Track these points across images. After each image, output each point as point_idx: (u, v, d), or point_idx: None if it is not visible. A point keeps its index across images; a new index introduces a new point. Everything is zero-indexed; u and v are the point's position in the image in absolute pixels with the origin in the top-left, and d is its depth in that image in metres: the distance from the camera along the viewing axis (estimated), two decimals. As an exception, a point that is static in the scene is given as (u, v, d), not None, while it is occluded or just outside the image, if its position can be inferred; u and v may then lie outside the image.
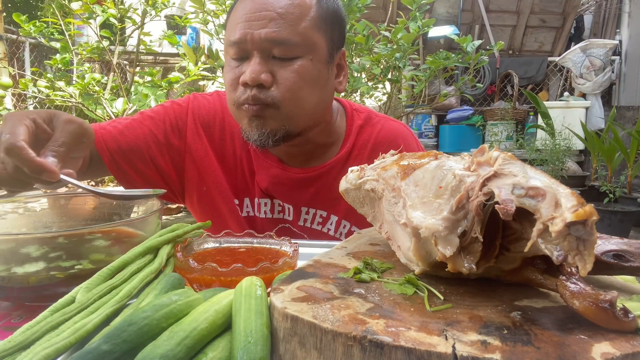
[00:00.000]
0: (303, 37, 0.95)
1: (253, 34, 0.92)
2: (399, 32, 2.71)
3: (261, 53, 0.94)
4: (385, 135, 1.12)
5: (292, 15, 0.94)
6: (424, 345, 0.37)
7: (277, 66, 0.95)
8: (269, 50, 0.94)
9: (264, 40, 0.92)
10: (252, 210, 1.13)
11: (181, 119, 1.12)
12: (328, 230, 1.11)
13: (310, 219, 1.11)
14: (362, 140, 1.12)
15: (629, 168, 4.36)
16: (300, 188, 1.09)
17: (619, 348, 0.38)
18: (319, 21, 0.97)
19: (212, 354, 0.43)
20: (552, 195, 0.43)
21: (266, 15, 0.92)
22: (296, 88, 0.95)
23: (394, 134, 1.13)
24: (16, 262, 0.64)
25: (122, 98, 3.26)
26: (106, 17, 3.07)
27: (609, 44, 5.80)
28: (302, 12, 0.95)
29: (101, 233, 0.70)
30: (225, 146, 1.13)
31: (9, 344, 0.45)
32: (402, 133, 1.16)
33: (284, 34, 0.93)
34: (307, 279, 0.52)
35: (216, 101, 1.16)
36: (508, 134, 5.60)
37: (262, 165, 1.10)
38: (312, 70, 0.97)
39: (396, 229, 0.58)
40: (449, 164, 0.54)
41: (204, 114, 1.13)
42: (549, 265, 0.49)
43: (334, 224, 1.10)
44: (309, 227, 1.11)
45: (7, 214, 0.84)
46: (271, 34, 0.92)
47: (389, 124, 1.16)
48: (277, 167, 1.09)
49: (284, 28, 0.93)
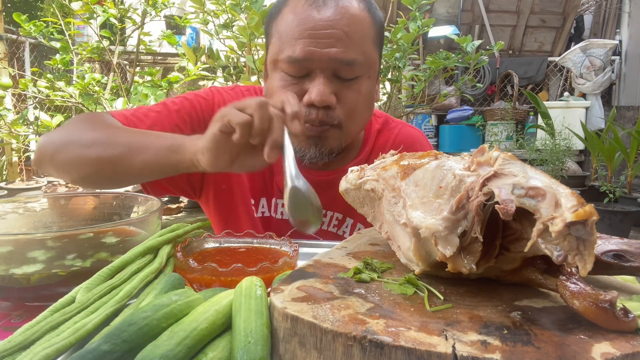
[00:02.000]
0: (366, 56, 0.94)
1: (320, 52, 0.89)
2: (399, 32, 2.71)
3: (326, 72, 0.91)
4: (402, 140, 1.14)
5: (357, 35, 0.91)
6: (424, 345, 0.37)
7: (340, 86, 0.93)
8: (334, 70, 0.91)
9: (332, 60, 0.89)
10: (267, 211, 1.11)
11: (207, 112, 1.09)
12: (343, 233, 1.11)
13: (327, 222, 1.10)
14: (380, 143, 1.13)
15: (629, 168, 4.35)
16: (319, 190, 1.08)
17: (619, 348, 0.38)
18: (376, 37, 0.97)
19: (212, 354, 0.43)
20: (552, 195, 0.43)
21: (333, 34, 0.89)
22: (358, 108, 0.95)
23: (412, 139, 1.16)
24: (16, 262, 0.64)
25: (122, 98, 3.26)
26: (106, 17, 3.07)
27: (609, 44, 5.80)
28: (364, 30, 0.93)
29: (101, 233, 0.70)
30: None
31: (9, 344, 0.45)
32: (419, 138, 1.18)
33: (352, 55, 0.90)
34: (307, 279, 0.52)
35: (239, 97, 1.13)
36: (508, 134, 5.60)
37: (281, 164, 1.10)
38: (370, 88, 0.98)
39: (396, 229, 0.58)
40: (449, 164, 0.54)
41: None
42: (549, 265, 0.49)
43: (349, 227, 1.10)
44: (325, 229, 1.11)
45: (7, 214, 0.84)
46: (340, 54, 0.89)
47: (405, 129, 1.18)
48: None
49: (351, 48, 0.90)
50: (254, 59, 2.67)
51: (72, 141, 0.91)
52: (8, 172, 4.26)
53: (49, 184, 3.88)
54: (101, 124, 0.94)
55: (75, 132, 0.93)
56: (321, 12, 0.89)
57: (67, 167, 0.91)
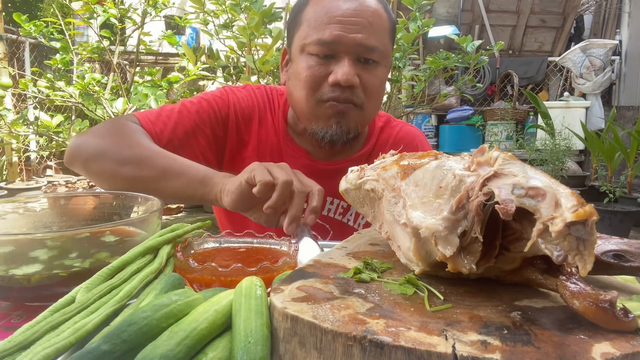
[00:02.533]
0: (384, 47, 1.04)
1: (348, 37, 0.98)
2: (399, 32, 2.71)
3: (351, 56, 1.00)
4: (403, 136, 1.24)
5: (379, 26, 1.02)
6: (424, 345, 0.37)
7: (362, 70, 1.02)
8: (358, 54, 1.01)
9: (357, 45, 0.99)
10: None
11: (224, 111, 1.16)
12: (348, 220, 1.18)
13: (334, 209, 1.18)
14: (382, 139, 1.23)
15: (629, 168, 4.35)
16: (327, 179, 1.15)
17: (619, 348, 0.38)
18: (391, 33, 1.09)
19: (212, 354, 0.43)
20: (552, 195, 0.43)
21: (360, 22, 0.99)
22: (377, 92, 1.06)
23: (412, 136, 1.26)
24: (16, 263, 0.64)
25: (122, 98, 3.26)
26: (106, 17, 3.07)
27: (609, 44, 5.80)
28: (384, 24, 1.04)
29: (101, 233, 0.70)
30: (260, 138, 1.18)
31: (9, 344, 0.45)
32: (419, 136, 1.28)
33: (374, 41, 1.01)
34: (307, 279, 0.52)
35: (251, 95, 1.21)
36: (508, 134, 5.60)
37: (291, 155, 1.17)
38: (385, 77, 1.08)
39: (396, 229, 0.58)
40: (449, 164, 0.54)
41: (244, 106, 1.18)
42: (549, 265, 0.49)
43: (354, 215, 1.19)
44: (332, 217, 1.18)
45: (7, 214, 0.84)
46: (365, 40, 0.99)
47: (406, 128, 1.28)
48: (305, 158, 1.16)
49: (374, 35, 1.01)
50: (254, 59, 2.67)
51: (107, 154, 0.98)
52: (8, 172, 4.26)
53: (49, 184, 3.88)
54: (136, 140, 1.01)
55: (111, 144, 1.00)
56: (347, 2, 1.00)
57: (100, 178, 1.00)
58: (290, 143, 1.16)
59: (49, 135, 3.30)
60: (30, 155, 4.39)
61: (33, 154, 4.35)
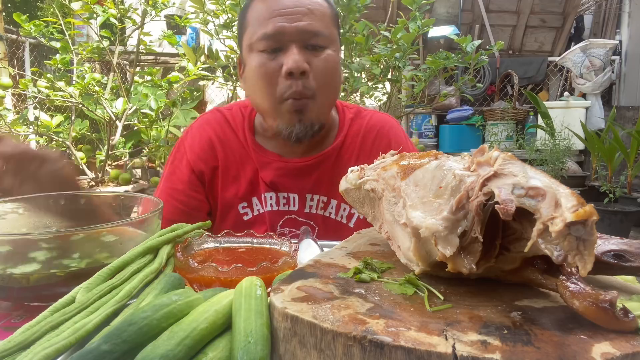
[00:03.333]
0: (329, 31, 1.07)
1: (291, 26, 1.02)
2: (398, 32, 2.71)
3: (297, 44, 1.03)
4: (373, 124, 1.24)
5: (319, 12, 1.06)
6: (424, 345, 0.37)
7: (310, 56, 1.04)
8: (305, 42, 1.03)
9: (301, 32, 1.02)
10: (262, 208, 1.19)
11: (191, 162, 1.20)
12: (330, 214, 1.19)
13: (314, 205, 1.19)
14: (353, 130, 1.23)
15: (629, 168, 4.35)
16: (303, 176, 1.18)
17: (619, 348, 0.38)
18: (334, 18, 1.11)
19: (212, 354, 0.43)
20: (552, 195, 0.43)
21: (300, 11, 1.03)
22: (328, 76, 1.07)
23: (382, 123, 1.25)
24: (16, 262, 0.64)
25: (122, 98, 3.26)
26: (106, 17, 3.07)
27: (609, 44, 5.79)
28: (324, 10, 1.08)
29: (101, 233, 0.70)
30: (227, 159, 1.20)
31: (9, 344, 0.45)
32: (389, 122, 1.27)
33: (317, 26, 1.04)
34: (307, 279, 0.52)
35: (204, 134, 1.22)
36: (508, 134, 5.59)
37: (264, 162, 1.17)
38: (336, 61, 1.09)
39: (396, 229, 0.58)
40: (449, 164, 0.54)
41: (198, 150, 1.20)
42: (549, 265, 0.49)
43: (334, 208, 1.19)
44: (314, 213, 1.19)
45: (7, 214, 0.83)
46: (307, 26, 1.03)
47: (377, 116, 1.27)
48: (277, 162, 1.17)
49: (316, 21, 1.04)
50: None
51: None
52: (8, 172, 4.25)
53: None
54: None
55: None
56: None
57: None
58: (260, 151, 1.17)
59: (49, 135, 3.30)
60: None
61: (33, 154, 4.34)
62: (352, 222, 1.18)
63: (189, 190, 1.18)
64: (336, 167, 1.18)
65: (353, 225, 1.17)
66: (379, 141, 1.21)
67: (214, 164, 1.19)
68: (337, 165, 1.18)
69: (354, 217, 1.18)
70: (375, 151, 1.19)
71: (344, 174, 1.20)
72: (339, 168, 1.18)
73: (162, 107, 3.24)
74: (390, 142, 1.22)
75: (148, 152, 3.48)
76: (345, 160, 1.19)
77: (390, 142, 1.21)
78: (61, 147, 3.59)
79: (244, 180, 1.18)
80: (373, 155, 1.19)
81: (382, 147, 1.21)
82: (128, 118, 3.28)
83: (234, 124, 1.21)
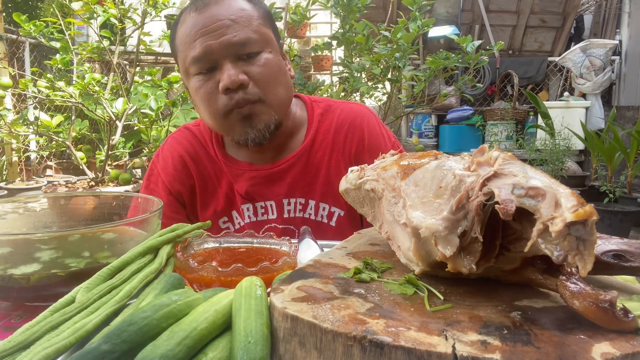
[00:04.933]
0: (258, 34, 1.03)
1: (216, 43, 0.99)
2: (398, 32, 2.71)
3: (229, 58, 1.00)
4: (345, 117, 1.20)
5: (243, 19, 1.02)
6: (424, 345, 0.37)
7: (246, 66, 1.02)
8: (235, 54, 1.00)
9: (228, 46, 0.99)
10: (242, 221, 1.17)
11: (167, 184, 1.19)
12: (309, 215, 1.16)
13: (292, 209, 1.16)
14: (324, 126, 1.19)
15: (629, 168, 4.35)
16: (276, 181, 1.16)
17: (619, 348, 0.38)
18: (263, 18, 1.07)
19: (212, 354, 0.43)
20: (552, 195, 0.43)
21: (222, 24, 0.99)
22: (269, 78, 1.03)
23: (353, 114, 1.21)
24: (16, 263, 0.64)
25: (122, 98, 3.25)
26: (106, 17, 3.07)
27: (609, 44, 5.79)
28: (249, 14, 1.03)
29: (101, 233, 0.70)
30: (202, 176, 1.19)
31: (9, 344, 0.45)
32: (361, 112, 1.23)
33: (243, 35, 1.00)
34: (307, 279, 0.52)
35: (174, 152, 1.21)
36: (508, 134, 5.59)
37: (236, 174, 1.16)
38: (274, 61, 1.05)
39: (396, 229, 0.58)
40: (449, 164, 0.54)
41: (172, 171, 1.19)
42: (549, 265, 0.49)
43: (313, 208, 1.16)
44: (293, 217, 1.16)
45: (7, 214, 0.84)
46: (233, 39, 0.99)
47: (347, 107, 1.23)
48: (249, 171, 1.16)
49: (241, 30, 1.01)
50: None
51: None
52: (8, 172, 4.26)
53: (49, 184, 3.88)
54: None
55: None
56: (204, 12, 1.01)
57: None
58: (230, 163, 1.16)
59: (49, 135, 3.30)
60: (30, 155, 4.39)
61: (33, 154, 4.34)
62: (334, 220, 1.15)
63: (170, 213, 1.16)
64: (309, 167, 1.15)
65: (334, 223, 1.15)
66: (351, 134, 1.17)
67: (190, 182, 1.18)
68: (310, 165, 1.15)
69: (335, 215, 1.15)
70: (349, 145, 1.17)
71: (318, 173, 1.19)
72: (313, 167, 1.15)
73: (162, 107, 3.23)
74: (364, 133, 1.18)
75: (148, 152, 3.48)
76: (318, 158, 1.16)
77: (363, 133, 1.18)
78: (61, 147, 3.59)
79: (221, 194, 1.17)
80: (347, 150, 1.17)
81: (355, 140, 1.17)
82: (128, 118, 3.28)
83: (203, 139, 1.20)
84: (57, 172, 4.63)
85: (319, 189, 1.15)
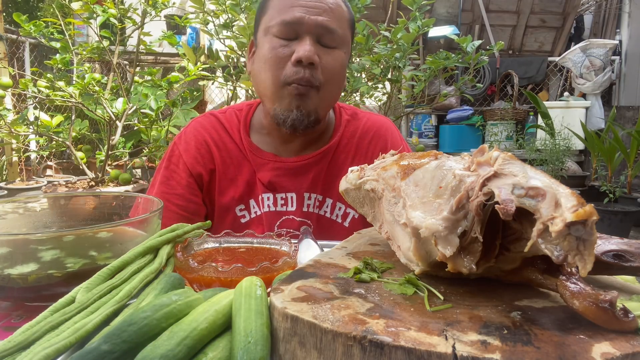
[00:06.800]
0: (343, 32, 1.10)
1: (310, 18, 1.04)
2: (399, 32, 2.71)
3: (312, 37, 1.05)
4: (370, 126, 1.25)
5: (338, 12, 1.09)
6: (424, 345, 0.37)
7: (321, 51, 1.06)
8: (319, 36, 1.06)
9: (318, 26, 1.05)
10: (259, 210, 1.19)
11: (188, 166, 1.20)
12: (325, 212, 1.19)
13: (312, 204, 1.19)
14: (350, 131, 1.24)
15: (629, 168, 4.35)
16: (300, 175, 1.18)
17: (619, 348, 0.38)
18: (350, 23, 1.14)
19: (212, 354, 0.43)
20: (552, 195, 0.43)
21: (321, 6, 1.06)
22: (335, 73, 1.09)
23: (378, 125, 1.27)
24: (15, 262, 0.64)
25: (122, 98, 3.25)
26: (106, 17, 3.06)
27: (609, 44, 5.79)
28: (343, 12, 1.11)
29: (101, 233, 0.70)
30: (224, 161, 1.20)
31: (9, 344, 0.45)
32: (385, 124, 1.28)
33: (334, 25, 1.07)
34: (307, 279, 0.52)
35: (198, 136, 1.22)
36: (508, 134, 5.60)
37: (260, 163, 1.18)
38: (344, 63, 1.12)
39: (396, 229, 0.58)
40: (449, 164, 0.54)
41: (194, 153, 1.20)
42: (549, 265, 0.49)
43: (330, 207, 1.20)
44: (311, 212, 1.19)
45: (7, 214, 0.83)
46: (326, 22, 1.05)
47: (374, 117, 1.29)
48: (273, 162, 1.18)
49: (334, 20, 1.07)
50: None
51: None
52: (8, 172, 4.26)
53: (49, 184, 3.88)
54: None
55: None
56: None
57: None
58: (256, 152, 1.18)
59: (49, 135, 3.30)
60: (30, 155, 4.39)
61: (33, 154, 4.34)
62: (347, 221, 1.18)
63: (188, 195, 1.18)
64: (332, 166, 1.19)
65: (348, 224, 1.18)
66: (375, 142, 1.23)
67: (211, 167, 1.19)
68: (333, 165, 1.19)
69: (349, 217, 1.18)
70: (372, 152, 1.22)
71: (339, 174, 1.21)
72: (335, 168, 1.19)
73: (162, 107, 3.23)
74: (387, 143, 1.23)
75: (148, 152, 3.47)
76: (341, 161, 1.20)
77: (387, 143, 1.23)
78: (61, 147, 3.58)
79: (241, 182, 1.18)
80: (369, 157, 1.21)
81: (378, 148, 1.22)
82: (128, 118, 3.28)
83: (229, 126, 1.22)
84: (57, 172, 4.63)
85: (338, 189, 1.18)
